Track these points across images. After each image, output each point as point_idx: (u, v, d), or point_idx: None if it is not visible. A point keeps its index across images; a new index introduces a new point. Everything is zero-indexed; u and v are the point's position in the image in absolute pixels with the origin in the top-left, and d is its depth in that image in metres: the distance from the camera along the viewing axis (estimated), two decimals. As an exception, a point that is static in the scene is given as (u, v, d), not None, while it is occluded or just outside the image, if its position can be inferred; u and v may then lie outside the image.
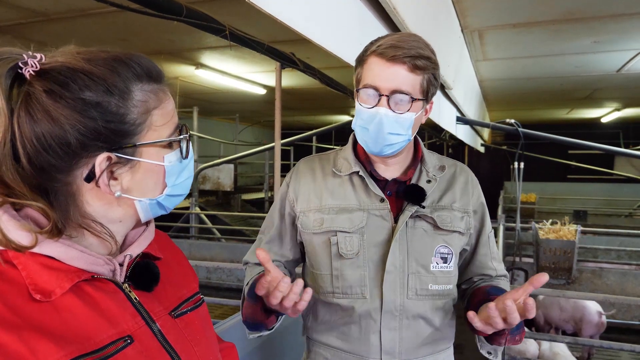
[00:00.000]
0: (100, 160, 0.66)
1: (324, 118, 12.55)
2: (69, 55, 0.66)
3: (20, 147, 0.62)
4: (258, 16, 1.37)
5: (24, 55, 0.63)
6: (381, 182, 1.27)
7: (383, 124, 1.15)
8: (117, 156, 0.67)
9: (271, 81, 7.36)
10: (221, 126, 12.69)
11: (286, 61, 3.03)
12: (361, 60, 1.20)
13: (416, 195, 1.22)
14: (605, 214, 12.00)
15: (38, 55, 0.64)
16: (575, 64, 5.74)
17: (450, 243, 1.24)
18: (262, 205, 10.67)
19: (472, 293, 1.31)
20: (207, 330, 0.85)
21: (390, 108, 1.14)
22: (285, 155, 11.76)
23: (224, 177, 9.19)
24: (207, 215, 8.05)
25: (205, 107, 10.01)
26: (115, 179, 0.68)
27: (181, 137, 0.74)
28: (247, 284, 1.29)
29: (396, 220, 1.23)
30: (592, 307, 4.13)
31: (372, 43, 1.18)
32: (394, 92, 1.13)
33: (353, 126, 1.23)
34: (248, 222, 8.84)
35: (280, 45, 3.08)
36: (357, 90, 1.20)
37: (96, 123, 0.64)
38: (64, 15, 4.08)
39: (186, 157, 0.75)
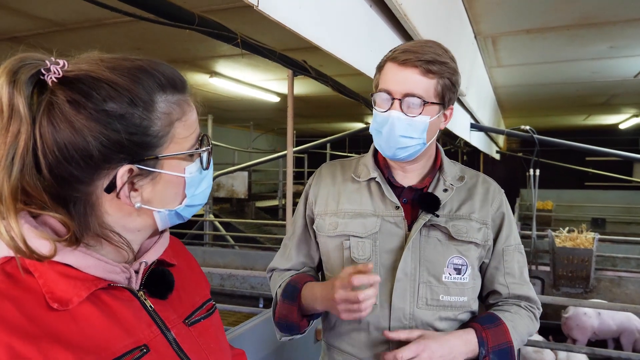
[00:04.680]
0: (122, 173, 0.65)
1: (337, 125, 12.57)
2: (92, 63, 0.65)
3: (42, 156, 0.61)
4: (270, 24, 1.38)
5: (47, 62, 0.62)
6: (398, 189, 1.26)
7: (395, 127, 1.15)
8: (138, 168, 0.66)
9: (284, 89, 7.40)
10: (235, 134, 12.77)
11: (298, 69, 3.04)
12: (379, 66, 1.22)
13: (430, 203, 1.21)
14: (624, 221, 11.80)
15: (61, 62, 0.63)
16: (592, 69, 5.67)
17: (466, 254, 1.21)
18: (275, 213, 10.68)
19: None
20: (220, 337, 0.84)
21: (402, 111, 1.14)
22: (299, 162, 11.79)
23: (238, 184, 9.24)
24: (221, 223, 8.08)
25: (219, 115, 10.08)
26: (136, 190, 0.67)
27: (203, 149, 0.73)
28: (280, 285, 1.29)
29: (410, 228, 1.22)
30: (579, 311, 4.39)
31: (390, 50, 1.20)
32: (406, 95, 1.14)
33: (370, 130, 1.24)
34: (262, 230, 8.85)
35: (292, 53, 3.09)
36: (372, 95, 1.21)
37: (119, 136, 0.63)
38: (80, 25, 4.15)
39: (207, 168, 0.74)
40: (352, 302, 1.05)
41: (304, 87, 7.05)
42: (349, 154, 11.83)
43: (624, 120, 10.86)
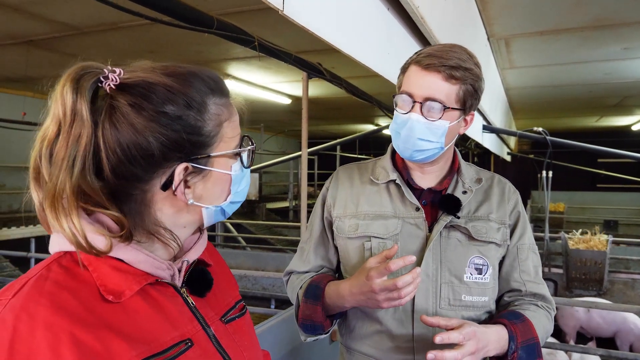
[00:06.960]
0: (180, 170, 0.69)
1: (348, 127, 12.57)
2: (147, 70, 0.69)
3: (105, 157, 0.65)
4: (285, 27, 1.40)
5: (105, 70, 0.66)
6: (417, 191, 1.28)
7: (414, 129, 1.17)
8: (192, 166, 0.70)
9: (296, 91, 7.42)
10: (246, 136, 12.79)
11: (313, 71, 3.05)
12: (404, 68, 1.23)
13: (451, 205, 1.22)
14: (637, 224, 11.70)
15: (117, 70, 0.67)
16: (605, 71, 5.64)
17: (486, 254, 1.22)
18: (286, 214, 10.71)
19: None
20: (252, 336, 0.88)
21: (422, 114, 1.16)
22: (309, 164, 11.78)
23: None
24: (232, 224, 8.13)
25: (230, 117, 10.11)
26: (189, 187, 0.71)
27: (249, 147, 0.78)
28: (302, 287, 1.29)
29: (430, 230, 1.23)
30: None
31: (415, 53, 1.21)
32: (427, 99, 1.15)
33: (389, 131, 1.25)
34: (272, 231, 8.89)
35: (305, 55, 3.11)
36: (394, 96, 1.22)
37: (178, 135, 0.68)
38: (96, 29, 4.21)
39: (249, 166, 0.79)
40: (391, 290, 1.04)
41: (315, 89, 7.07)
42: (359, 156, 11.83)
43: (636, 121, 10.77)
